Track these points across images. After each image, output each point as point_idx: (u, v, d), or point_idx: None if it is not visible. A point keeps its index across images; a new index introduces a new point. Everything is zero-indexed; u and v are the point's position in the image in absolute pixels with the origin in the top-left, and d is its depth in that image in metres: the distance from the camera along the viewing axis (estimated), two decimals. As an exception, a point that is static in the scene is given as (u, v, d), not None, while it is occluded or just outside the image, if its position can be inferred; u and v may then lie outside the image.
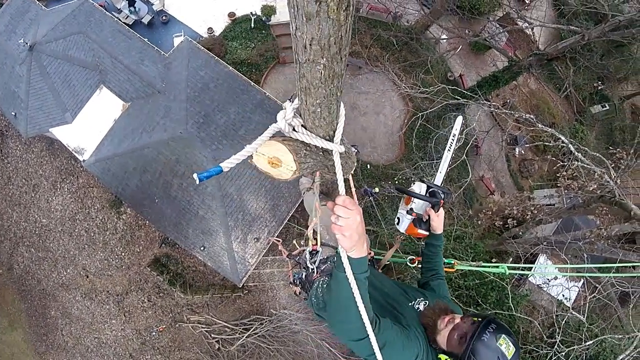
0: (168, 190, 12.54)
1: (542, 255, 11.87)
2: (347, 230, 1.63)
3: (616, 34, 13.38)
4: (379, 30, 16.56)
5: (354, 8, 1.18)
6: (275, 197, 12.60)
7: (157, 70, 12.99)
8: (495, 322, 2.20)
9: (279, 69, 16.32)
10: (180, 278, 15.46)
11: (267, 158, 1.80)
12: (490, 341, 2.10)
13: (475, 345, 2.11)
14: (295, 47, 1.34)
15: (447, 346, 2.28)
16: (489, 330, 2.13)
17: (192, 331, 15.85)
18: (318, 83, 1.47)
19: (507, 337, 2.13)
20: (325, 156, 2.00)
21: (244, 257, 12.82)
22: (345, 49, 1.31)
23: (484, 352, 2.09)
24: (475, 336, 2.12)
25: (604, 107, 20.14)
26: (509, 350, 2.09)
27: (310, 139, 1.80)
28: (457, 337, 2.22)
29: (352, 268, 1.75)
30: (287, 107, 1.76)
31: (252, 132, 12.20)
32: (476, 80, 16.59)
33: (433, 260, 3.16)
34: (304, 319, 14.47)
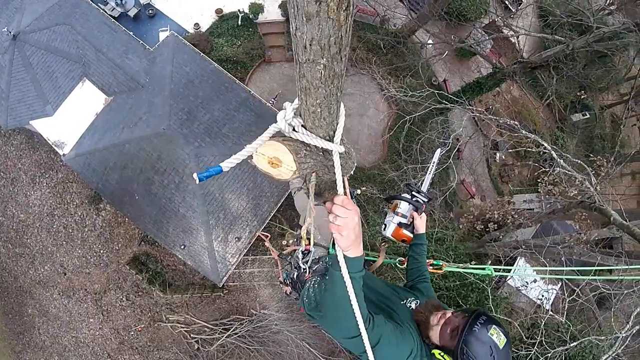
0: (149, 187, 12.38)
1: (521, 258, 12.05)
2: (345, 230, 1.64)
3: (600, 44, 13.67)
4: (366, 32, 16.64)
5: (354, 8, 1.19)
6: (258, 196, 12.53)
7: (141, 65, 12.83)
8: (485, 314, 2.27)
9: (264, 67, 16.29)
10: (160, 277, 15.28)
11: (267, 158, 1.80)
12: (481, 332, 2.16)
13: (467, 337, 2.17)
14: (295, 47, 1.34)
15: (440, 341, 2.35)
16: (480, 322, 2.20)
17: (171, 331, 15.66)
18: (318, 83, 1.46)
19: (497, 327, 2.20)
20: (325, 156, 1.99)
21: (225, 257, 12.71)
22: (345, 49, 1.31)
23: (476, 344, 2.15)
24: (467, 329, 2.19)
25: (585, 116, 20.60)
26: (500, 340, 2.16)
27: (310, 139, 1.80)
28: (449, 331, 2.29)
29: (348, 267, 1.76)
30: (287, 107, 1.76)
31: (236, 130, 12.15)
32: (460, 86, 16.78)
33: (418, 261, 3.25)
34: (284, 319, 14.44)
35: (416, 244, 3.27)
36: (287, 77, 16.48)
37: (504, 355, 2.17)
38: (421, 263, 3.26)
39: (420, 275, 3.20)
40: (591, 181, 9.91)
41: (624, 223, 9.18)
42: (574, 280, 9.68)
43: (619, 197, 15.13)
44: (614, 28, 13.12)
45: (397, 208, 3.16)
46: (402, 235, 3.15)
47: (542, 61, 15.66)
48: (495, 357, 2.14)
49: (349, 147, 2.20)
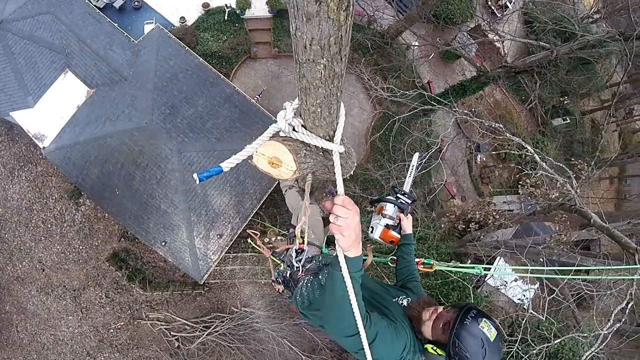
0: (130, 183, 12.19)
1: (501, 258, 12.20)
2: (346, 230, 1.65)
3: (584, 52, 13.93)
4: (353, 32, 16.64)
5: (354, 8, 1.19)
6: (240, 193, 12.45)
7: (125, 57, 12.61)
8: (475, 308, 2.34)
9: (249, 63, 16.20)
10: (140, 274, 15.10)
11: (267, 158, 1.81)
12: (472, 326, 2.23)
13: (458, 331, 2.23)
14: (295, 47, 1.35)
15: (432, 335, 2.43)
16: (470, 316, 2.26)
17: (151, 329, 15.51)
18: (318, 83, 1.48)
19: (487, 321, 2.27)
20: (325, 156, 2.01)
21: (206, 254, 12.61)
22: (345, 49, 1.31)
23: (467, 337, 2.21)
24: (458, 323, 2.25)
25: (565, 120, 21.03)
26: (490, 333, 2.23)
27: (310, 139, 1.82)
28: (441, 325, 2.36)
29: (349, 267, 1.79)
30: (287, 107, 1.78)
31: (220, 126, 12.05)
32: (444, 88, 16.95)
33: (408, 260, 3.32)
34: (265, 317, 14.45)
35: (404, 244, 3.33)
36: (272, 73, 16.43)
37: (495, 347, 2.23)
38: (410, 262, 3.32)
39: (410, 274, 3.26)
40: (572, 184, 10.07)
41: (604, 225, 9.30)
42: (554, 280, 9.84)
43: (598, 200, 15.44)
44: (599, 36, 13.35)
45: (383, 210, 3.21)
46: (390, 236, 3.20)
47: (526, 66, 15.91)
48: (486, 350, 2.20)
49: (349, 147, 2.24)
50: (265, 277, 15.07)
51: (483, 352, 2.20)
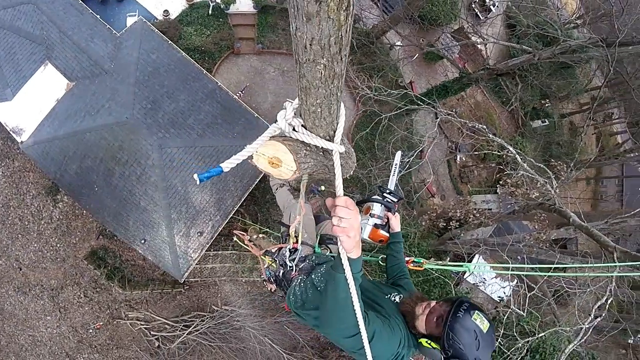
0: (109, 179, 11.95)
1: (479, 256, 12.36)
2: (352, 231, 1.64)
3: (566, 56, 14.18)
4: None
5: (354, 8, 1.19)
6: (221, 190, 12.34)
7: (106, 50, 12.36)
8: (467, 301, 2.39)
9: (232, 59, 16.12)
10: (119, 272, 14.85)
11: (267, 158, 1.80)
12: (465, 318, 2.28)
13: (452, 323, 2.28)
14: (295, 47, 1.34)
15: (426, 329, 2.46)
16: (463, 309, 2.31)
17: (131, 328, 15.27)
18: (318, 83, 1.46)
19: (480, 313, 2.31)
20: (326, 156, 2.00)
21: (186, 252, 12.43)
22: (345, 48, 1.31)
23: (461, 329, 2.26)
24: (451, 315, 2.30)
25: (544, 123, 21.54)
26: (483, 325, 2.28)
27: (310, 139, 1.81)
28: (435, 319, 2.40)
29: (351, 268, 1.78)
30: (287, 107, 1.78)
31: (202, 122, 11.93)
32: (426, 88, 17.13)
33: (397, 258, 3.36)
34: (246, 315, 14.38)
35: (393, 242, 3.37)
36: (255, 70, 16.38)
37: (488, 338, 2.28)
38: (400, 260, 3.35)
39: (400, 271, 3.29)
40: (552, 184, 10.27)
41: (583, 224, 9.52)
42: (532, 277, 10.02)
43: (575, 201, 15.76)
44: (581, 41, 13.63)
45: (370, 210, 3.23)
46: (379, 235, 3.22)
47: (508, 69, 16.17)
48: (480, 341, 2.25)
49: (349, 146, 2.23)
50: (246, 275, 14.98)
51: (477, 343, 2.25)
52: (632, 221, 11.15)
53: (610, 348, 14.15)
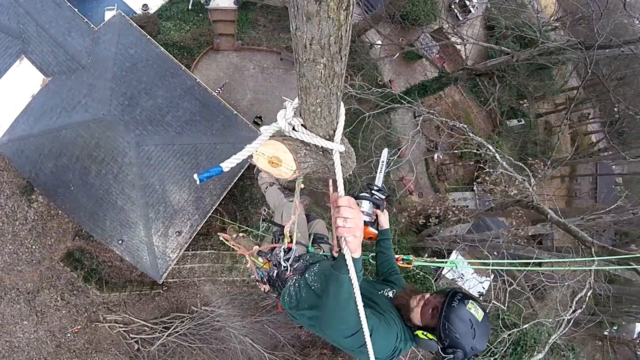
0: (85, 178, 11.69)
1: (456, 252, 12.53)
2: (357, 231, 1.65)
3: (544, 58, 14.47)
4: None
5: (354, 7, 1.19)
6: (200, 189, 12.17)
7: (84, 44, 12.11)
8: (460, 292, 2.43)
9: (211, 55, 16.04)
10: (96, 274, 14.58)
11: (267, 157, 1.81)
12: (460, 308, 2.32)
13: (447, 314, 2.32)
14: (295, 46, 1.35)
15: (422, 321, 2.49)
16: (457, 299, 2.36)
17: (110, 331, 14.99)
18: (318, 82, 1.47)
19: (474, 302, 2.37)
20: (326, 155, 2.01)
21: (165, 252, 12.23)
22: (345, 48, 1.32)
23: (456, 319, 2.30)
24: (446, 306, 2.34)
25: (520, 122, 22.08)
26: (478, 313, 2.32)
27: (310, 139, 1.81)
28: (430, 311, 2.44)
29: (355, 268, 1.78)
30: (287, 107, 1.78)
31: (180, 119, 11.78)
32: (405, 87, 17.29)
33: (387, 255, 3.36)
34: (226, 316, 14.27)
35: (383, 239, 3.35)
36: (235, 66, 16.31)
37: (483, 326, 2.32)
38: (390, 257, 3.36)
39: (391, 268, 3.30)
40: (530, 182, 10.46)
41: (560, 220, 9.74)
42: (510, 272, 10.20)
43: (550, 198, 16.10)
44: (560, 44, 13.92)
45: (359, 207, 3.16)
46: (369, 233, 3.20)
47: (487, 69, 16.44)
48: (475, 330, 2.28)
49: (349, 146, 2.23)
50: (225, 275, 14.90)
51: (472, 332, 2.29)
52: (608, 217, 11.50)
53: (587, 340, 14.52)
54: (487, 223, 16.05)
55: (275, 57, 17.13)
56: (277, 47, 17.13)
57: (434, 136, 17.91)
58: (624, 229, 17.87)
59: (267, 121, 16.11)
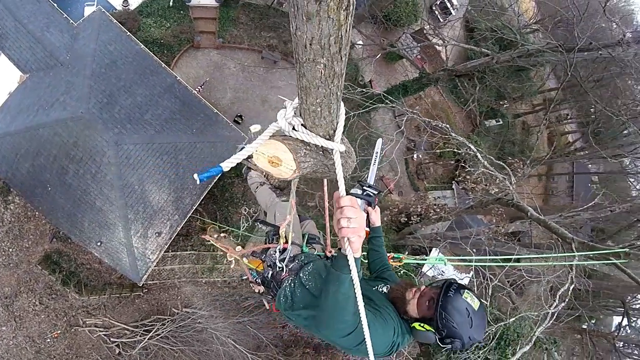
0: (63, 178, 11.41)
1: (436, 249, 12.66)
2: (361, 231, 1.64)
3: (523, 60, 14.77)
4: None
5: (354, 7, 1.19)
6: (179, 188, 12.02)
7: (63, 40, 11.86)
8: (455, 282, 2.46)
9: (191, 53, 15.96)
10: (74, 277, 14.29)
11: (267, 157, 1.81)
12: (456, 297, 2.34)
13: (443, 303, 2.34)
14: (295, 46, 1.35)
15: (418, 313, 2.51)
16: (453, 288, 2.39)
17: (90, 336, 14.70)
18: (318, 82, 1.48)
19: (469, 292, 2.40)
20: (326, 155, 2.01)
21: (145, 253, 12.03)
22: (345, 48, 1.33)
23: (453, 308, 2.32)
24: (442, 296, 2.36)
25: (498, 122, 22.56)
26: (474, 302, 2.35)
27: (310, 138, 1.81)
28: (426, 302, 2.46)
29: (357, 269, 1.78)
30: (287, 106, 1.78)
31: (159, 117, 11.62)
32: (385, 87, 17.45)
33: (379, 252, 3.36)
34: (208, 317, 14.13)
35: (374, 237, 3.35)
36: (215, 64, 16.23)
37: (479, 315, 2.34)
38: (382, 254, 3.36)
39: (383, 265, 3.30)
40: (511, 181, 10.64)
41: (541, 218, 9.95)
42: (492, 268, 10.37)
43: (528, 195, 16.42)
44: (540, 46, 14.22)
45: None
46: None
47: (467, 70, 16.69)
48: (472, 319, 2.30)
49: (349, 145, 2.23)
50: (206, 276, 14.79)
51: (469, 320, 2.31)
52: (586, 214, 11.79)
53: (567, 334, 14.79)
54: (466, 221, 16.32)
55: (257, 55, 17.10)
56: (258, 45, 17.11)
57: (413, 136, 18.14)
58: (600, 225, 18.38)
59: (248, 120, 16.23)
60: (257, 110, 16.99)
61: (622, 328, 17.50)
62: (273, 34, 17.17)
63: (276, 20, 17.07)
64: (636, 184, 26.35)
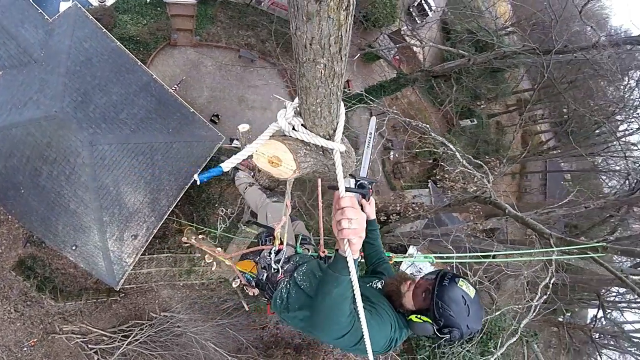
0: (36, 179, 11.08)
1: (414, 247, 12.77)
2: (362, 232, 1.62)
3: (499, 61, 15.08)
4: (276, 25, 16.69)
5: (354, 7, 1.18)
6: (155, 190, 11.77)
7: (37, 36, 11.48)
8: (450, 272, 2.46)
9: (168, 51, 15.80)
10: (49, 282, 13.96)
11: (267, 157, 1.80)
12: (451, 286, 2.33)
13: (439, 293, 2.32)
14: (295, 46, 1.35)
15: (415, 305, 2.49)
16: (448, 277, 2.37)
17: (67, 343, 14.38)
18: (318, 82, 1.48)
19: (464, 280, 2.38)
20: (326, 155, 2.01)
21: (121, 257, 11.77)
22: (345, 48, 1.33)
23: (449, 298, 2.31)
24: (437, 285, 2.34)
25: (473, 122, 23.07)
26: (469, 290, 2.33)
27: (310, 138, 1.81)
28: (422, 293, 2.44)
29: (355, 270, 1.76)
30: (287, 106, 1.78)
31: (135, 117, 11.38)
32: (363, 87, 17.60)
33: (375, 245, 3.29)
34: (187, 320, 13.96)
35: (370, 230, 3.24)
36: (192, 63, 16.12)
37: (476, 303, 2.32)
38: (378, 247, 3.30)
39: (379, 258, 3.24)
40: (488, 179, 10.84)
41: (519, 214, 10.14)
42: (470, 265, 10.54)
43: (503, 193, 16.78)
44: (516, 48, 14.56)
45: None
46: None
47: (444, 71, 16.97)
48: (469, 307, 2.29)
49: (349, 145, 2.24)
50: (184, 279, 14.62)
51: (466, 309, 2.29)
52: (560, 211, 12.10)
53: (543, 327, 15.08)
54: (442, 219, 16.53)
55: (234, 54, 17.02)
56: (236, 44, 17.04)
57: (390, 135, 18.33)
58: (573, 222, 18.87)
59: (224, 120, 16.12)
60: (233, 110, 16.93)
61: (597, 320, 17.85)
62: (251, 32, 17.15)
63: (255, 18, 17.05)
64: (608, 182, 27.08)
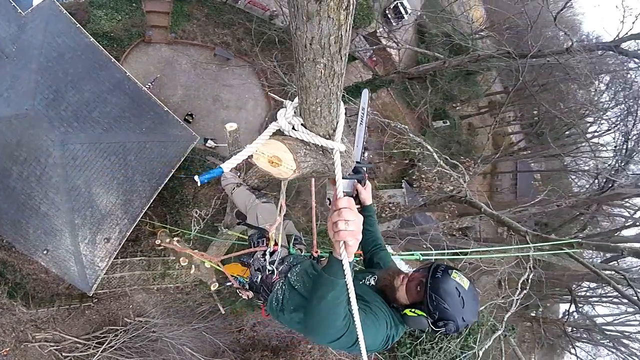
0: (6, 181, 10.63)
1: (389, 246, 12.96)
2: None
3: (473, 64, 15.41)
4: (253, 25, 16.64)
5: (354, 7, 1.19)
6: (128, 191, 11.50)
7: (9, 31, 11.06)
8: (442, 264, 2.43)
9: (142, 47, 15.55)
10: (21, 289, 13.46)
11: (267, 157, 1.79)
12: (445, 278, 2.30)
13: (432, 285, 2.29)
14: (295, 46, 1.34)
15: (408, 298, 2.45)
16: (441, 269, 2.34)
17: (40, 351, 13.90)
18: (318, 82, 1.47)
19: (458, 272, 2.36)
20: (325, 155, 1.99)
21: (93, 261, 11.43)
22: (345, 48, 1.32)
23: (442, 289, 2.28)
24: (430, 278, 2.31)
25: (446, 123, 23.63)
26: (463, 282, 2.31)
27: (310, 138, 1.81)
28: (416, 286, 2.40)
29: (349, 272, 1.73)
30: (287, 106, 1.79)
31: (108, 115, 11.08)
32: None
33: (372, 231, 3.23)
34: (162, 325, 13.70)
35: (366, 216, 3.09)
36: (166, 60, 15.91)
37: (470, 294, 2.30)
38: (374, 232, 3.25)
39: (376, 244, 3.19)
40: (465, 179, 11.07)
41: (494, 213, 10.39)
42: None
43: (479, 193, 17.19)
44: (492, 52, 14.90)
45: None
46: None
47: (419, 73, 17.25)
48: (464, 298, 2.26)
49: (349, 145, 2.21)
50: (158, 283, 14.38)
51: (461, 301, 2.26)
52: (533, 209, 12.48)
53: (517, 321, 15.44)
54: (416, 218, 16.78)
55: (209, 52, 16.88)
56: (211, 42, 16.92)
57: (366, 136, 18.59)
58: (544, 220, 19.48)
59: (198, 119, 15.97)
60: (208, 109, 16.76)
61: (570, 314, 18.36)
62: (227, 30, 17.03)
63: (231, 17, 16.94)
64: (577, 181, 28.08)
